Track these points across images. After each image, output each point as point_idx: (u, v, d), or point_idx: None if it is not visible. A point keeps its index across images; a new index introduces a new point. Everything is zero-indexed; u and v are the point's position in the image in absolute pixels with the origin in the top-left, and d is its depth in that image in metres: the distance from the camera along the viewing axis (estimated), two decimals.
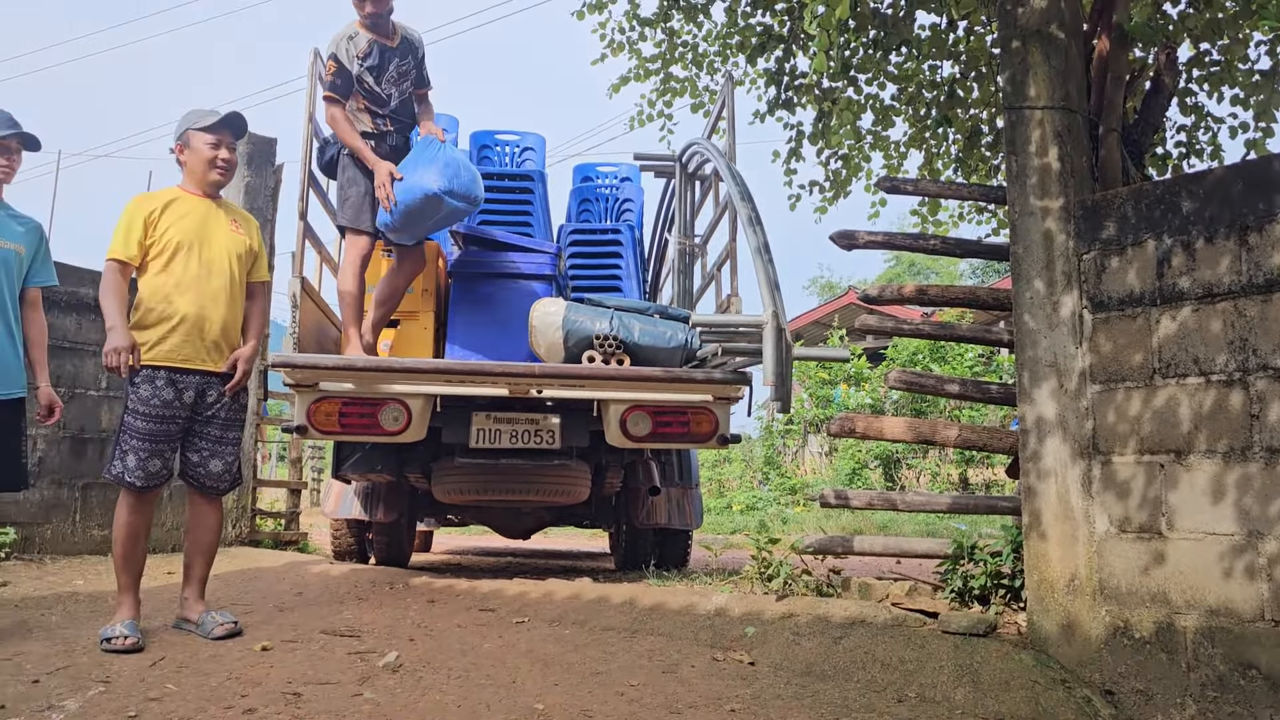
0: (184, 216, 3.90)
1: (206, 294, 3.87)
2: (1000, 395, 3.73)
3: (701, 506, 6.27)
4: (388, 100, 5.00)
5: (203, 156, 3.96)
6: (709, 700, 3.10)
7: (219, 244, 3.96)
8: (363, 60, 4.90)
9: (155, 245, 3.82)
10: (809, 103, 5.50)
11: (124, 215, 3.85)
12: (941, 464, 14.73)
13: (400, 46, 5.02)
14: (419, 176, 4.68)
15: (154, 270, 3.83)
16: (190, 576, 4.00)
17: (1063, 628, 3.24)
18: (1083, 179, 3.43)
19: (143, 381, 3.75)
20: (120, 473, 3.74)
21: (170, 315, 3.79)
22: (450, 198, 4.67)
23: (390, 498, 5.71)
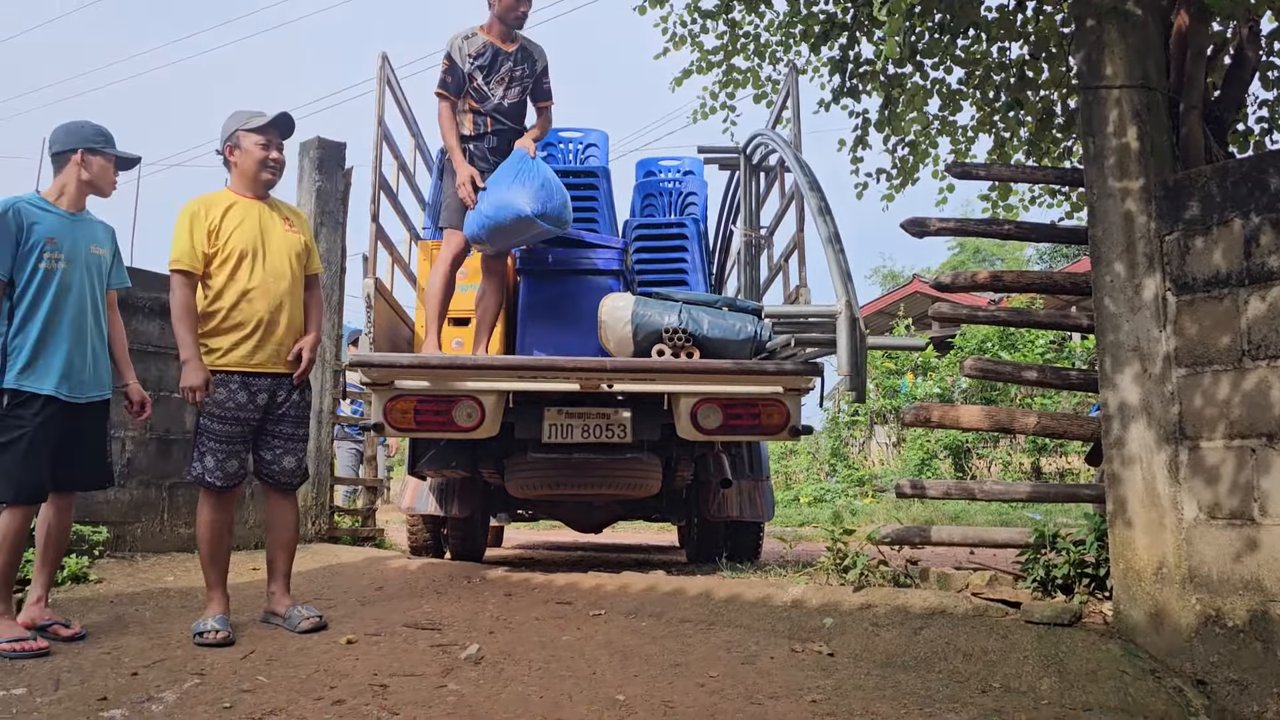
0: (242, 222, 3.94)
1: (273, 298, 3.95)
2: (1080, 381, 3.66)
3: (773, 498, 6.25)
4: (490, 98, 5.08)
5: (254, 157, 3.99)
6: (789, 691, 3.10)
7: (278, 246, 4.01)
8: (474, 59, 5.05)
9: (219, 254, 3.87)
10: (875, 90, 5.44)
11: (182, 222, 3.88)
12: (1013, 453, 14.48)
13: (516, 53, 5.13)
14: (511, 195, 4.73)
15: (220, 278, 3.88)
16: (274, 572, 4.10)
17: (1151, 617, 3.18)
18: (1163, 159, 3.35)
19: (217, 386, 3.85)
20: (201, 474, 3.87)
21: (241, 323, 3.88)
22: (542, 220, 4.74)
23: (465, 493, 5.78)
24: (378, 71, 5.04)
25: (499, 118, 5.13)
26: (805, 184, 4.19)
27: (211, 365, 3.86)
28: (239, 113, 4.07)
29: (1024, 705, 2.97)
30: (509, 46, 5.13)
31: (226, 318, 3.88)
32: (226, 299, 3.88)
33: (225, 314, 3.88)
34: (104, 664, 3.40)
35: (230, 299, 3.88)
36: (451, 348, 5.12)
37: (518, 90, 5.17)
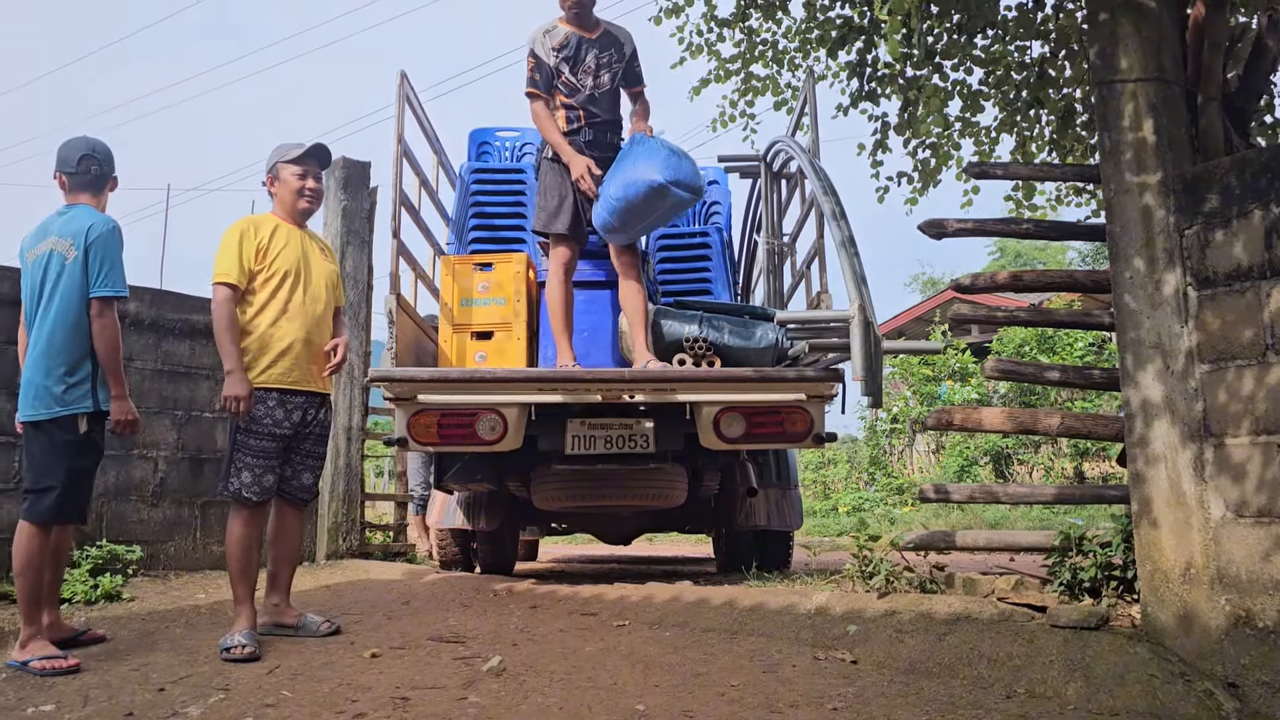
0: (287, 245, 4.11)
1: (311, 319, 4.10)
2: (1104, 380, 3.60)
3: (801, 507, 6.21)
4: (580, 89, 5.03)
5: (291, 187, 4.18)
6: (810, 699, 3.07)
7: (316, 271, 4.19)
8: (559, 52, 5.00)
9: (264, 272, 4.02)
10: (893, 93, 5.41)
11: (231, 239, 4.02)
12: (1055, 458, 14.27)
13: (600, 39, 5.07)
14: (639, 170, 4.62)
15: (263, 296, 4.02)
16: (278, 584, 4.20)
17: (1179, 619, 3.10)
18: (1181, 152, 3.29)
19: (256, 402, 3.96)
20: (238, 488, 3.95)
21: (282, 341, 4.01)
22: (676, 188, 4.59)
23: (491, 506, 5.80)
24: (397, 89, 5.09)
25: (591, 109, 5.06)
26: (820, 188, 4.17)
27: (252, 383, 3.95)
28: (280, 145, 4.27)
29: (1049, 710, 2.91)
30: (591, 34, 5.04)
31: (266, 335, 4.00)
32: (267, 316, 4.01)
33: (266, 331, 4.00)
34: (131, 680, 3.44)
35: (271, 316, 4.01)
36: (475, 361, 5.14)
37: (607, 77, 5.08)
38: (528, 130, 6.65)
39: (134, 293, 5.69)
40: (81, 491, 3.84)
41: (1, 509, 5.05)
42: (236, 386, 3.87)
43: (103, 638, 4.08)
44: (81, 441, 3.75)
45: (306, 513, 4.37)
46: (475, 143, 6.61)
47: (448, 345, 5.19)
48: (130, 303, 5.61)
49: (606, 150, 5.05)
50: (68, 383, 3.74)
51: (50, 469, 3.73)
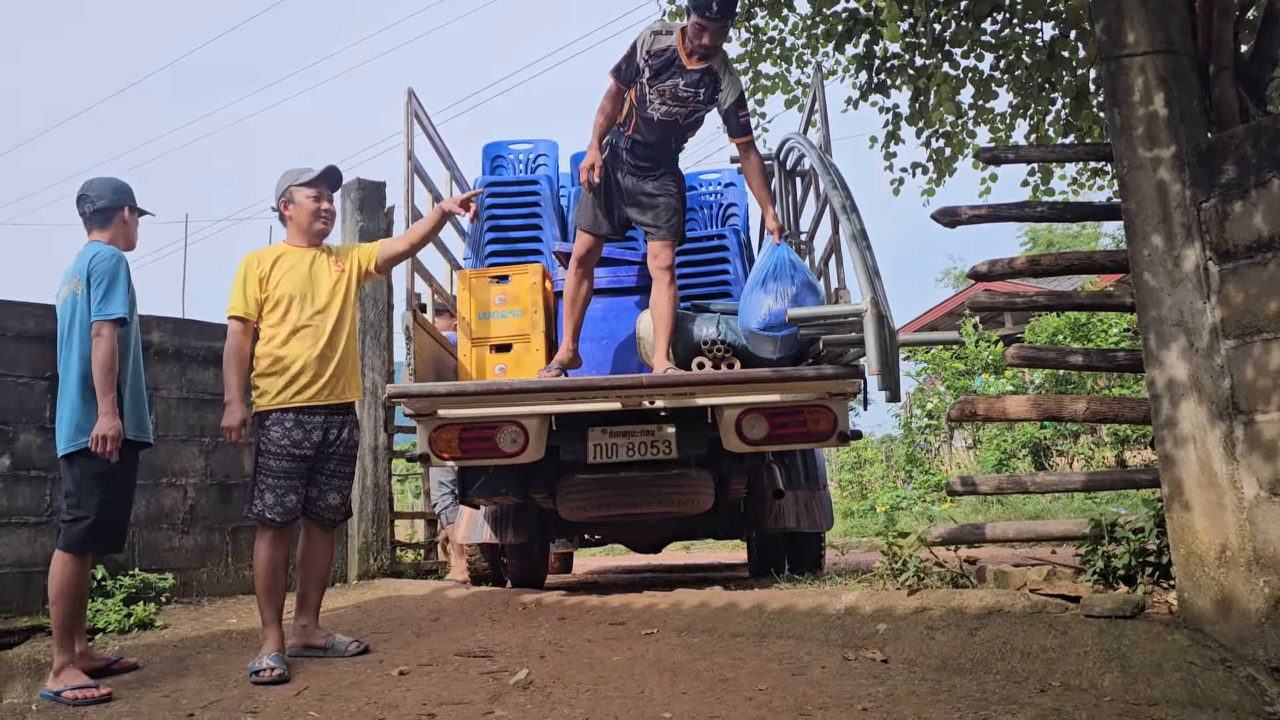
0: (292, 269, 4.17)
1: (322, 336, 4.13)
2: (1129, 362, 3.51)
3: (831, 507, 6.13)
4: (648, 104, 4.90)
5: (307, 210, 4.23)
6: (840, 701, 3.01)
7: (325, 287, 4.21)
8: (652, 58, 4.83)
9: (270, 299, 4.10)
10: (903, 83, 5.34)
11: (239, 273, 4.16)
12: (1096, 448, 14.03)
13: (698, 73, 4.81)
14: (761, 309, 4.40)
15: (272, 321, 4.10)
16: (307, 605, 4.20)
17: (1217, 603, 3.01)
18: (1194, 123, 3.21)
19: (273, 425, 4.00)
20: (261, 510, 3.98)
21: (292, 361, 4.05)
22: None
23: (518, 519, 5.78)
24: (405, 107, 5.10)
25: (644, 128, 4.99)
26: (829, 183, 4.12)
27: (267, 406, 4.02)
28: (290, 170, 4.32)
29: (1085, 703, 2.83)
30: (693, 64, 4.79)
31: (276, 358, 4.06)
32: (278, 339, 4.08)
33: (274, 354, 4.06)
34: (162, 707, 3.45)
35: (281, 338, 4.07)
36: (495, 374, 5.13)
37: (677, 110, 4.89)
38: (541, 143, 6.65)
39: (157, 322, 5.75)
40: (114, 520, 3.90)
41: (35, 542, 5.09)
42: (229, 417, 3.99)
43: (135, 665, 4.11)
44: (113, 471, 3.81)
45: (335, 534, 4.36)
46: (489, 156, 6.62)
47: (467, 359, 5.19)
48: (154, 332, 5.67)
49: (643, 162, 5.05)
50: (91, 410, 3.80)
51: (82, 500, 3.79)
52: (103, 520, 3.80)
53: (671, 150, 5.15)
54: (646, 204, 5.02)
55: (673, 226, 5.01)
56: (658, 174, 5.08)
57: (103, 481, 3.80)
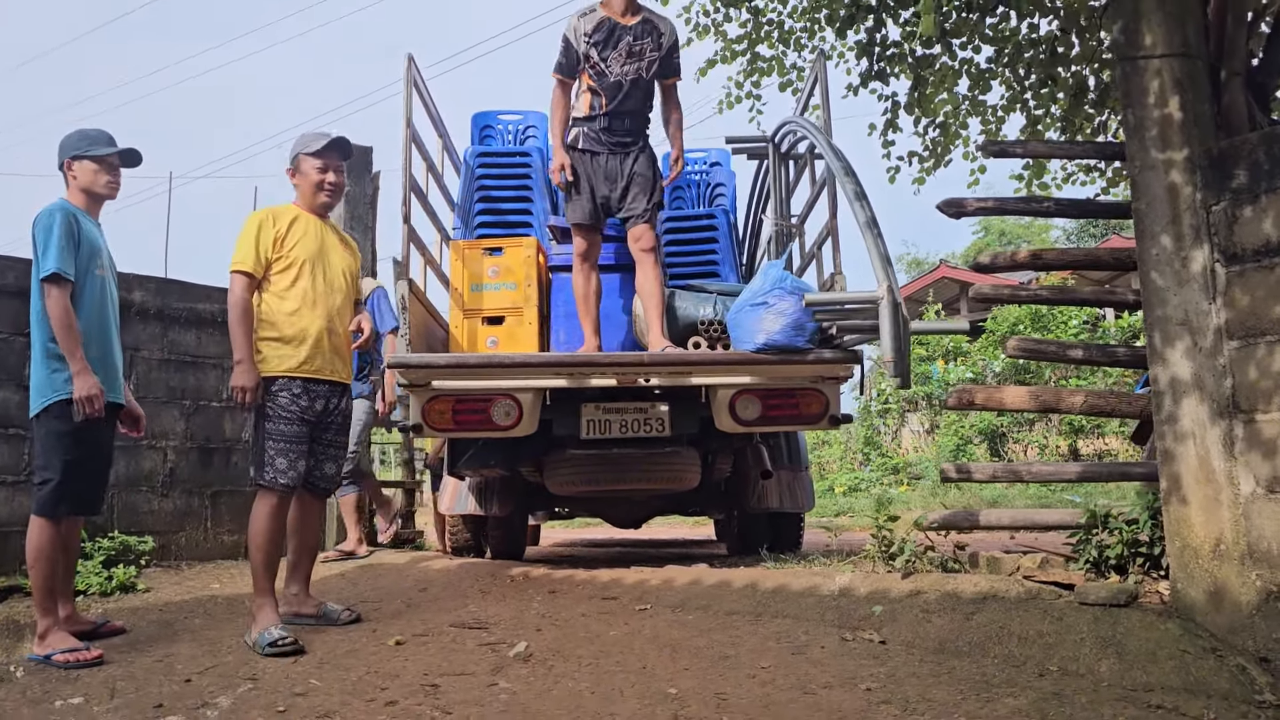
0: (306, 234, 4.06)
1: (332, 308, 4.08)
2: (1128, 359, 3.60)
3: (813, 488, 6.22)
4: (607, 75, 4.98)
5: (311, 180, 4.12)
6: (842, 680, 3.07)
7: (336, 261, 4.15)
8: (590, 37, 4.96)
9: (282, 260, 3.98)
10: (903, 72, 5.38)
11: (250, 228, 3.98)
12: (1049, 436, 14.35)
13: (637, 26, 5.01)
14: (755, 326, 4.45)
15: (282, 285, 3.98)
16: (299, 574, 4.19)
17: (1210, 594, 3.12)
18: (1206, 128, 3.28)
19: (280, 391, 3.92)
20: (273, 476, 3.89)
21: (304, 330, 3.97)
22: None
23: (504, 492, 5.79)
24: (405, 74, 5.03)
25: (617, 96, 5.01)
26: (840, 169, 4.14)
27: (275, 371, 3.92)
28: (304, 135, 4.21)
29: (1083, 688, 2.92)
30: (629, 20, 4.98)
31: (288, 324, 3.96)
32: (289, 305, 3.97)
33: (287, 320, 3.96)
34: (157, 671, 3.42)
35: (292, 305, 3.97)
36: (486, 347, 5.12)
37: (637, 66, 5.01)
38: (530, 114, 6.61)
39: (138, 281, 5.65)
40: (85, 482, 3.80)
41: (14, 501, 5.01)
42: (244, 377, 3.83)
43: (122, 629, 4.07)
44: (77, 431, 3.69)
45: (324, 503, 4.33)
46: (478, 126, 6.56)
47: (459, 330, 5.17)
48: (136, 292, 5.57)
49: (623, 137, 5.05)
50: (53, 367, 3.71)
51: (48, 460, 3.71)
52: (69, 481, 3.70)
53: (647, 117, 5.18)
54: (626, 186, 5.04)
55: (653, 208, 5.05)
56: (636, 150, 5.10)
57: (66, 441, 3.69)
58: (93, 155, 3.89)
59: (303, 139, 4.18)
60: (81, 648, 3.59)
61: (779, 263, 4.53)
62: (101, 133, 3.96)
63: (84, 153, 3.89)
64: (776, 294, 4.27)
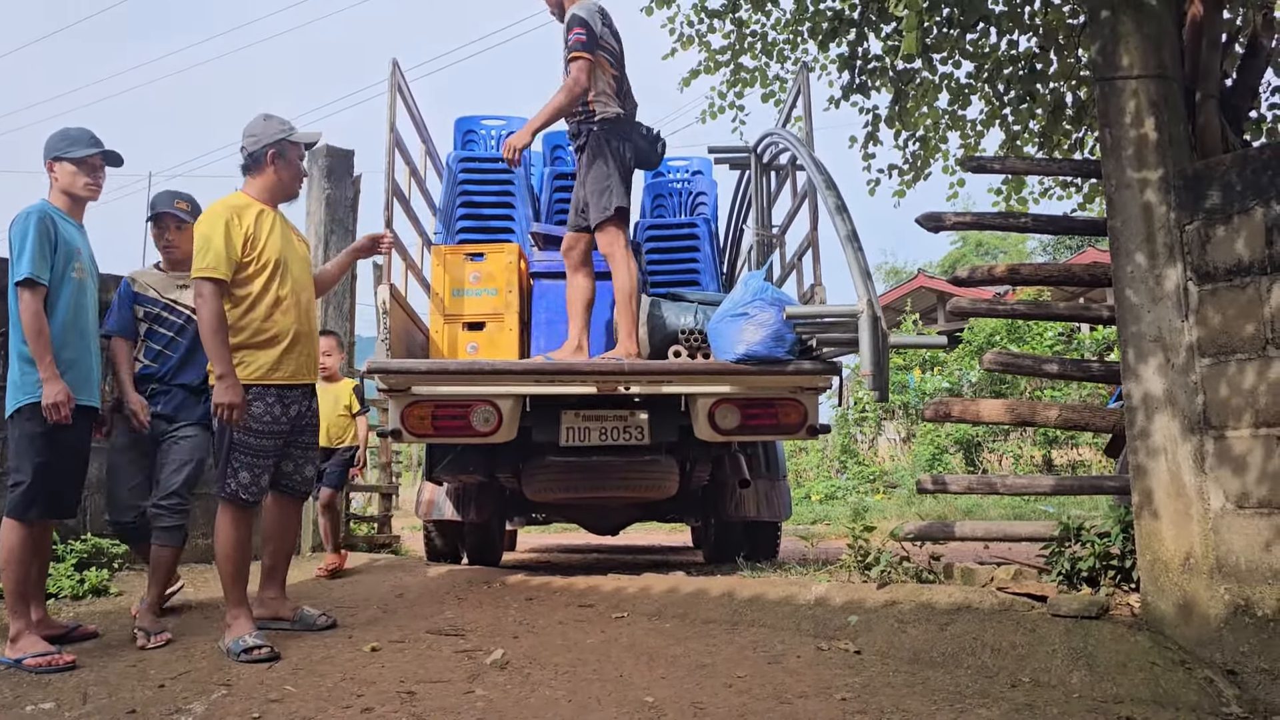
0: (271, 232, 3.90)
1: (303, 310, 3.99)
2: (1102, 373, 3.65)
3: (790, 498, 6.25)
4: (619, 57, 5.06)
5: (294, 169, 4.03)
6: (818, 690, 3.09)
7: (298, 257, 4.05)
8: (602, 17, 4.98)
9: (254, 263, 3.81)
10: (884, 86, 5.43)
11: (215, 228, 3.75)
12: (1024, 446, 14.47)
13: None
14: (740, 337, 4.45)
15: (254, 288, 3.82)
16: (275, 578, 4.15)
17: (1179, 608, 3.17)
18: (1181, 148, 3.34)
19: (254, 400, 3.79)
20: (235, 490, 3.80)
21: (279, 335, 3.85)
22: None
23: (482, 498, 5.78)
24: (389, 78, 5.03)
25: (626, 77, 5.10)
26: (821, 182, 4.18)
27: (248, 379, 3.78)
28: (274, 118, 4.02)
29: (1055, 699, 2.96)
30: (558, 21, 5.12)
31: (260, 330, 3.82)
32: (260, 310, 3.82)
33: (259, 326, 3.82)
34: (130, 676, 3.40)
35: (264, 310, 3.83)
36: (467, 352, 5.12)
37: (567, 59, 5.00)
38: (514, 119, 6.60)
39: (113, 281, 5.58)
40: (57, 485, 3.74)
41: None
42: (229, 393, 3.66)
43: (95, 633, 4.03)
44: (49, 434, 3.65)
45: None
46: (460, 131, 6.56)
47: (439, 336, 5.16)
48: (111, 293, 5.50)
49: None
50: (24, 370, 3.68)
51: (19, 463, 3.68)
52: (40, 484, 3.65)
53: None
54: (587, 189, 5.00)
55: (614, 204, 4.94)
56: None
57: (37, 444, 3.65)
58: (71, 157, 3.85)
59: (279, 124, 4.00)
60: (53, 652, 3.56)
61: (760, 273, 4.56)
62: (83, 132, 3.91)
63: (63, 154, 3.85)
64: (757, 305, 4.29)
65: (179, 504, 4.08)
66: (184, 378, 4.24)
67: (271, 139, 3.95)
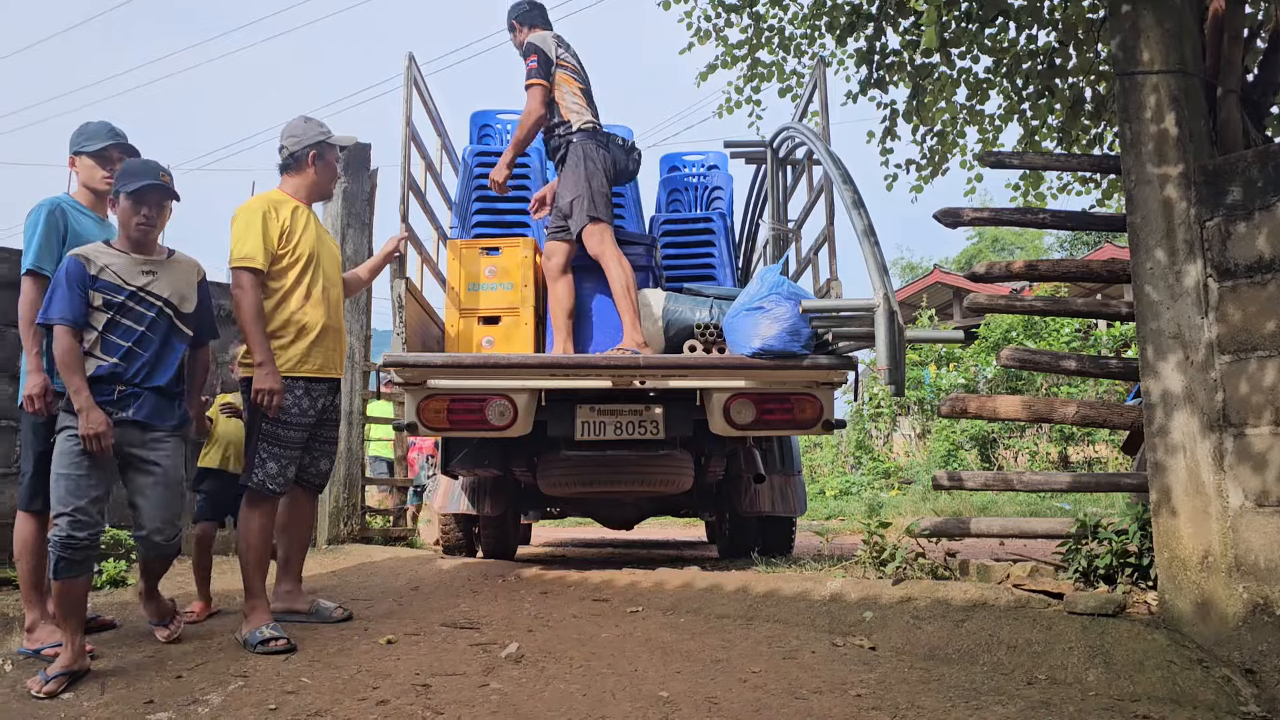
0: (307, 226, 3.98)
1: (332, 305, 4.04)
2: (1120, 370, 3.63)
3: (805, 493, 6.24)
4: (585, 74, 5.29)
5: (332, 172, 4.13)
6: (833, 685, 3.09)
7: (329, 253, 4.11)
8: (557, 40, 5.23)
9: (289, 255, 3.88)
10: (902, 80, 5.40)
11: (253, 219, 3.81)
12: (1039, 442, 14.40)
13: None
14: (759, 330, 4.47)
15: (287, 281, 3.88)
16: (291, 570, 4.16)
17: (1197, 606, 3.15)
18: (1201, 144, 3.31)
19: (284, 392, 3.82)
20: (262, 480, 3.83)
21: (309, 328, 3.90)
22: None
23: (497, 492, 5.80)
24: (405, 73, 5.04)
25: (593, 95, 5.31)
26: (838, 177, 4.16)
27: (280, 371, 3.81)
28: (313, 120, 4.12)
29: (1071, 697, 2.95)
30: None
31: (291, 322, 3.87)
32: (293, 303, 3.88)
33: (291, 319, 3.88)
34: (148, 667, 3.42)
35: (296, 303, 3.88)
36: (482, 347, 5.13)
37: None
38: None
39: None
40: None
41: (3, 494, 5.00)
42: (270, 379, 3.70)
43: (113, 624, 4.06)
44: (47, 424, 3.62)
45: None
46: (476, 125, 6.57)
47: (455, 330, 5.17)
48: None
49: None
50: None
51: (25, 453, 3.73)
52: (39, 476, 3.63)
53: None
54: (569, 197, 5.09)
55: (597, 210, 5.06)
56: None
57: (39, 434, 3.66)
58: (89, 151, 3.89)
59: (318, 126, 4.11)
60: None
61: (775, 268, 4.55)
62: (102, 125, 3.95)
63: (82, 148, 3.90)
64: (773, 299, 4.29)
65: (176, 535, 3.62)
66: (157, 379, 3.55)
67: (312, 140, 4.04)
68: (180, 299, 3.62)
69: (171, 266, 3.64)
